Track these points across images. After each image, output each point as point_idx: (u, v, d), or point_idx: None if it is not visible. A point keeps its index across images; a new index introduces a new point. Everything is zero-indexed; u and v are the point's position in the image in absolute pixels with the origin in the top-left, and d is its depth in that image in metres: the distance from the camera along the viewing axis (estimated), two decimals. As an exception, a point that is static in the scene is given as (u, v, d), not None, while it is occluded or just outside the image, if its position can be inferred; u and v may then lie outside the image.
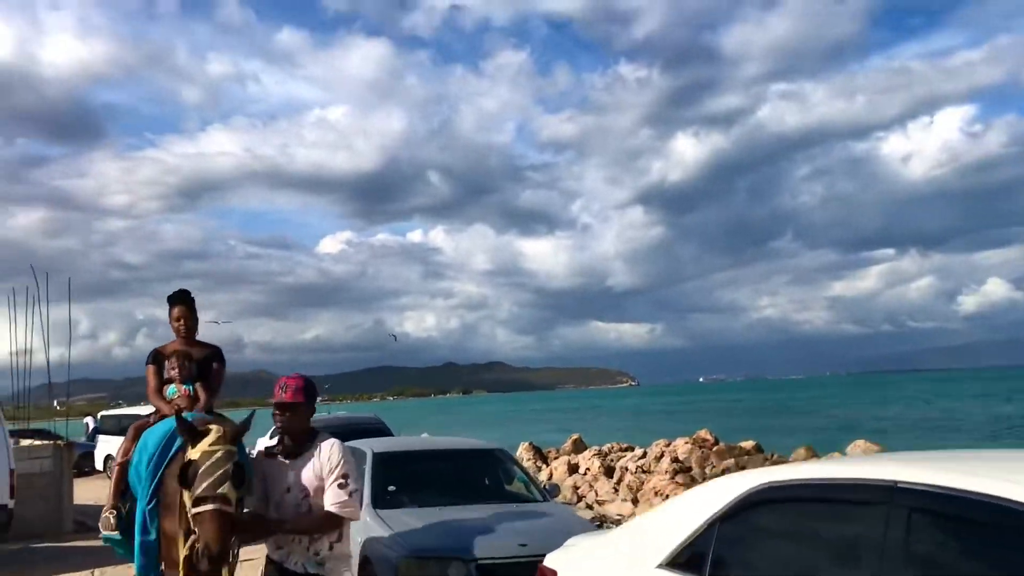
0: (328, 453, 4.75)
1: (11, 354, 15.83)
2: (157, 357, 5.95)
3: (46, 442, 14.45)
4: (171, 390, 5.85)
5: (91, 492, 20.17)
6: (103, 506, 5.80)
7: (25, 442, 14.87)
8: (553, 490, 8.58)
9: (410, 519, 7.05)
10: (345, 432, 13.24)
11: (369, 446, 8.47)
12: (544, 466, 21.70)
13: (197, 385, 5.91)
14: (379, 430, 13.72)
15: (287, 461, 4.80)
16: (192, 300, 5.99)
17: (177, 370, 5.85)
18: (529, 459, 22.50)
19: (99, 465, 24.13)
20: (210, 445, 4.40)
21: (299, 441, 4.81)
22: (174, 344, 5.98)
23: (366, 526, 7.11)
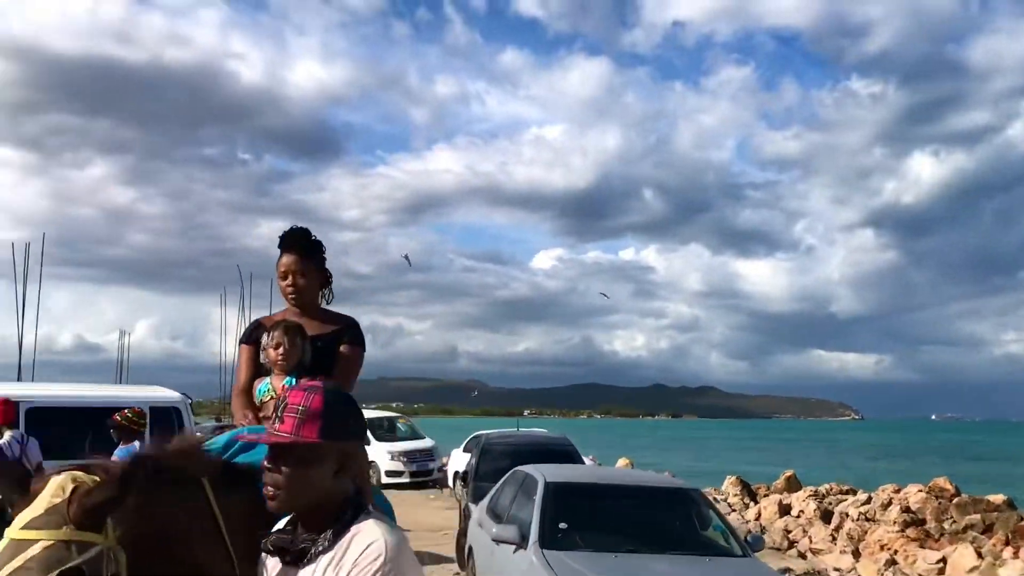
0: (360, 553, 2.10)
1: (188, 352, 16.33)
2: (255, 332, 3.71)
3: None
4: (262, 387, 3.53)
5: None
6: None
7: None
8: (756, 542, 7.20)
9: (581, 565, 5.99)
10: (529, 452, 12.52)
11: (542, 473, 7.49)
12: (752, 504, 19.88)
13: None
14: (565, 452, 12.73)
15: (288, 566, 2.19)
16: (314, 245, 3.74)
17: (280, 353, 3.46)
18: (736, 495, 20.73)
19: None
20: (20, 529, 2.02)
21: (312, 522, 2.19)
22: (282, 314, 3.78)
23: (530, 569, 6.12)
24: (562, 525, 6.64)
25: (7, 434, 8.04)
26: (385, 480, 22.19)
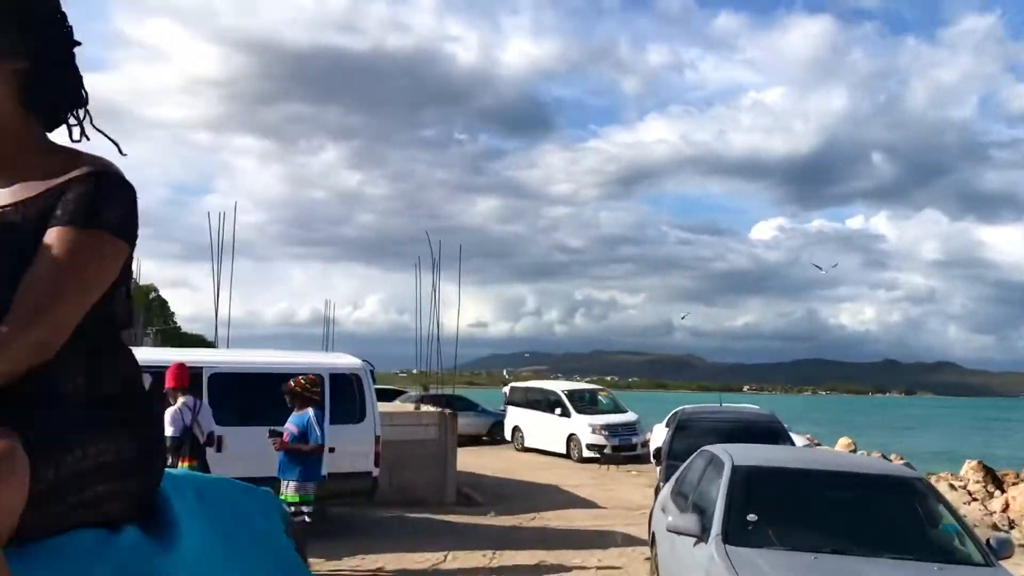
0: None
1: (414, 326, 16.23)
2: None
3: (432, 409, 14.43)
4: None
5: (487, 461, 20.32)
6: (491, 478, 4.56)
7: (424, 408, 15.05)
8: (1001, 547, 5.79)
9: (772, 567, 4.98)
10: (729, 429, 11.36)
11: (730, 454, 6.45)
12: (998, 493, 17.48)
13: None
14: (771, 431, 11.44)
15: None
16: None
17: None
18: (977, 481, 18.35)
19: (508, 435, 24.66)
20: None
21: None
22: None
23: (710, 567, 5.17)
24: (751, 517, 5.61)
25: (180, 400, 8.01)
26: (587, 454, 21.60)
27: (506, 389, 27.52)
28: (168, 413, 7.95)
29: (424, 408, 15.03)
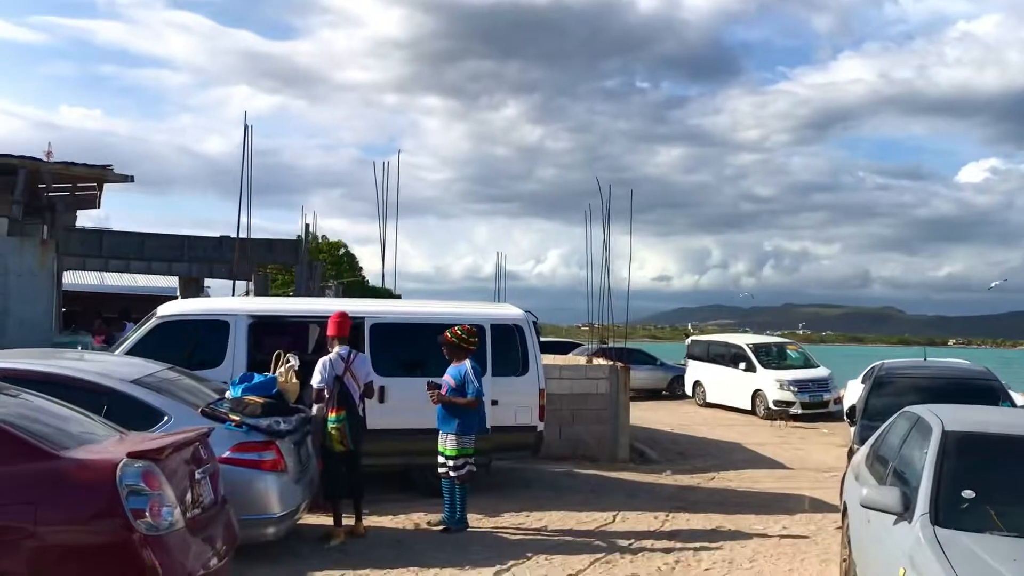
0: None
1: (597, 280, 15.54)
2: None
3: (604, 362, 13.79)
4: None
5: (665, 416, 19.53)
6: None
7: (596, 361, 14.46)
8: None
9: (992, 556, 4.06)
10: (936, 388, 10.00)
11: (939, 418, 5.44)
12: None
13: None
14: (986, 389, 10.04)
15: None
16: None
17: None
18: None
19: (688, 390, 23.71)
20: None
21: None
22: None
23: (915, 551, 4.30)
24: (967, 494, 4.64)
25: (336, 349, 7.79)
26: (772, 411, 20.36)
27: (687, 342, 26.50)
28: (319, 362, 7.76)
29: (596, 361, 14.42)
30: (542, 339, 28.07)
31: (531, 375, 9.85)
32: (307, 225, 16.40)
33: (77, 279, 24.68)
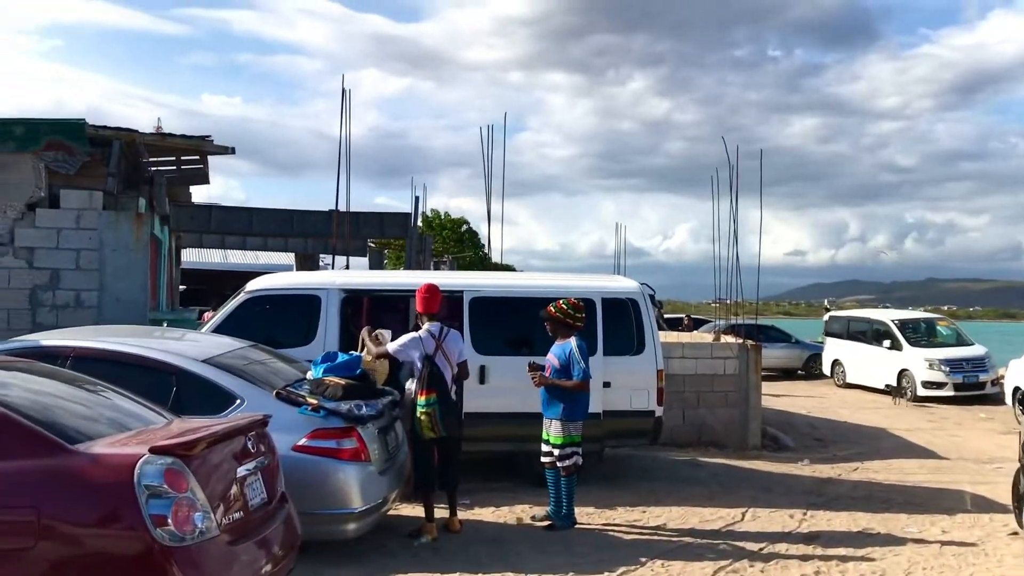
0: None
1: (722, 253, 14.32)
2: None
3: (733, 340, 12.62)
4: None
5: (801, 398, 18.16)
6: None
7: (725, 339, 13.32)
8: None
9: None
10: None
11: None
12: None
13: None
14: None
15: None
16: None
17: None
18: None
19: (826, 369, 22.08)
20: None
21: None
22: None
23: None
24: None
25: (425, 326, 7.05)
26: (922, 392, 18.60)
27: (825, 318, 24.73)
28: (404, 337, 7.03)
29: (725, 339, 13.26)
30: (668, 315, 26.93)
31: (648, 354, 8.87)
32: (416, 197, 15.86)
33: (202, 258, 25.18)
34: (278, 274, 10.18)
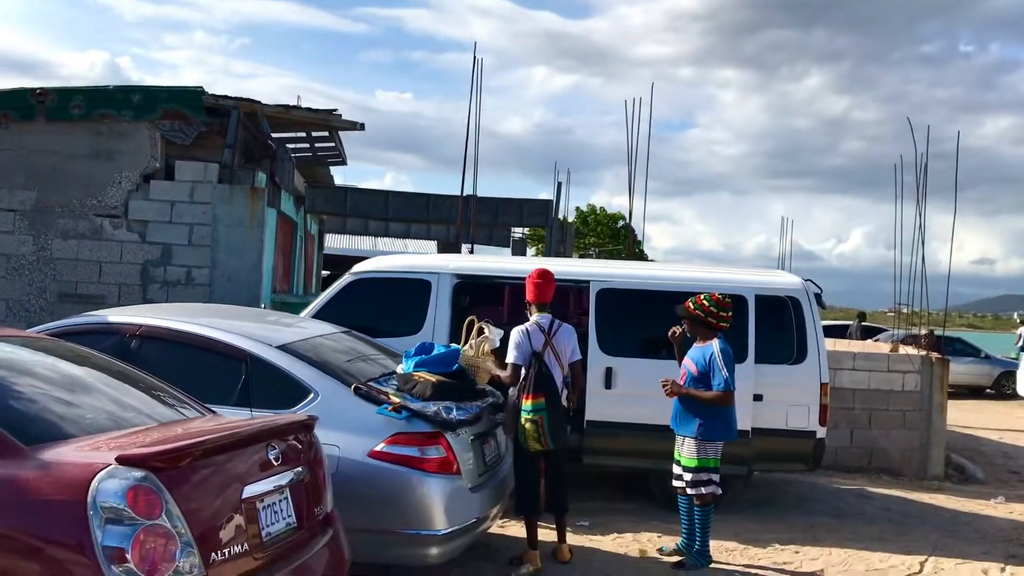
0: None
1: (900, 260, 12.50)
2: None
3: (914, 352, 10.87)
4: None
5: (991, 420, 15.91)
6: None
7: (903, 350, 11.57)
8: None
9: None
10: None
11: None
12: None
13: None
14: None
15: None
16: None
17: None
18: None
19: (1020, 389, 19.45)
20: None
21: None
22: None
23: None
24: None
25: (534, 317, 6.00)
26: None
27: (1021, 331, 21.92)
28: (514, 332, 5.98)
29: (903, 350, 11.50)
30: (837, 322, 24.76)
31: (809, 364, 7.47)
32: (560, 183, 14.79)
33: (351, 244, 25.15)
34: (388, 256, 9.41)
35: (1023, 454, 12.71)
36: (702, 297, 6.26)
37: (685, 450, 6.21)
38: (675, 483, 6.36)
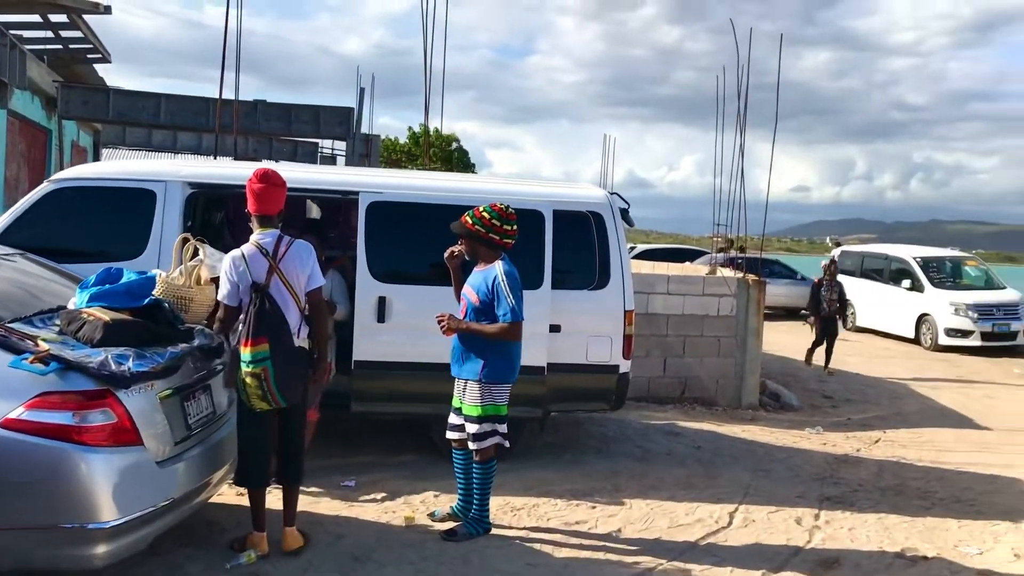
0: None
1: (728, 187, 11.81)
2: None
3: (729, 274, 10.25)
4: None
5: (806, 341, 15.83)
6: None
7: (720, 272, 10.95)
8: None
9: None
10: None
11: None
12: None
13: None
14: None
15: None
16: None
17: None
18: None
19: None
20: None
21: None
22: None
23: None
24: None
25: (255, 236, 4.63)
26: (944, 341, 16.32)
27: (835, 253, 22.26)
28: (224, 259, 4.61)
29: (721, 272, 10.90)
30: (664, 246, 24.45)
31: (613, 289, 6.49)
32: (362, 89, 13.13)
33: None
34: (100, 163, 7.71)
35: (836, 378, 12.56)
36: (481, 209, 5.08)
37: (467, 396, 5.10)
38: (450, 435, 5.26)
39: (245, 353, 4.40)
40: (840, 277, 19.92)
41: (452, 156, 44.54)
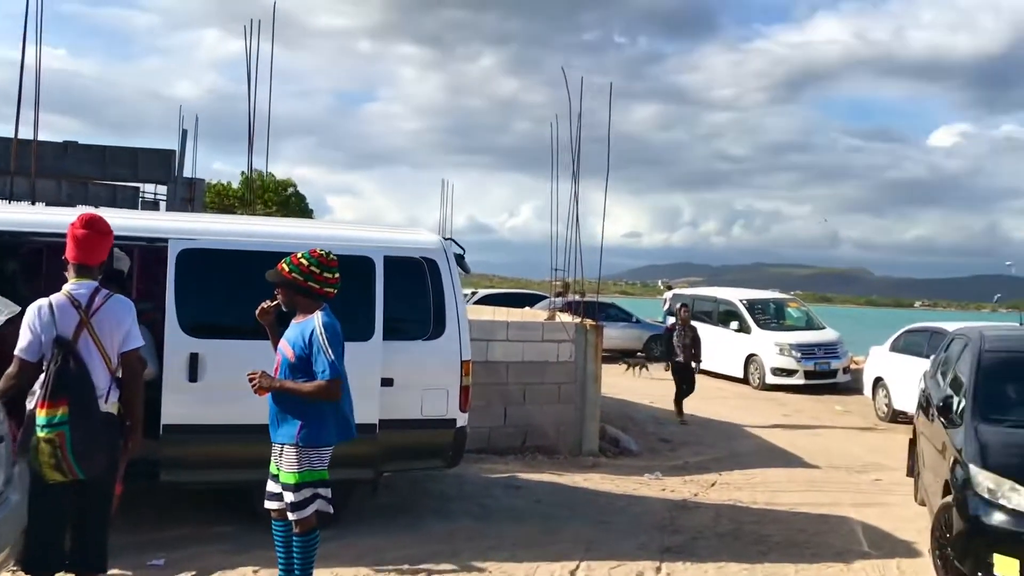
0: None
1: (566, 234, 11.82)
2: None
3: (567, 320, 10.19)
4: None
5: (643, 384, 16.11)
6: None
7: (560, 318, 10.85)
8: None
9: None
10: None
11: None
12: None
13: None
14: None
15: None
16: None
17: None
18: None
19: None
20: None
21: None
22: None
23: None
24: None
25: (68, 286, 4.06)
26: (771, 380, 16.98)
27: (667, 295, 22.93)
28: (28, 311, 4.01)
29: (560, 317, 10.82)
30: (505, 291, 24.45)
31: (448, 339, 6.20)
32: (184, 131, 12.33)
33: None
34: None
35: (672, 419, 12.71)
36: (299, 255, 4.69)
37: (284, 462, 4.63)
38: (268, 504, 4.78)
39: (41, 416, 3.81)
40: (671, 320, 20.53)
41: (289, 201, 43.47)
